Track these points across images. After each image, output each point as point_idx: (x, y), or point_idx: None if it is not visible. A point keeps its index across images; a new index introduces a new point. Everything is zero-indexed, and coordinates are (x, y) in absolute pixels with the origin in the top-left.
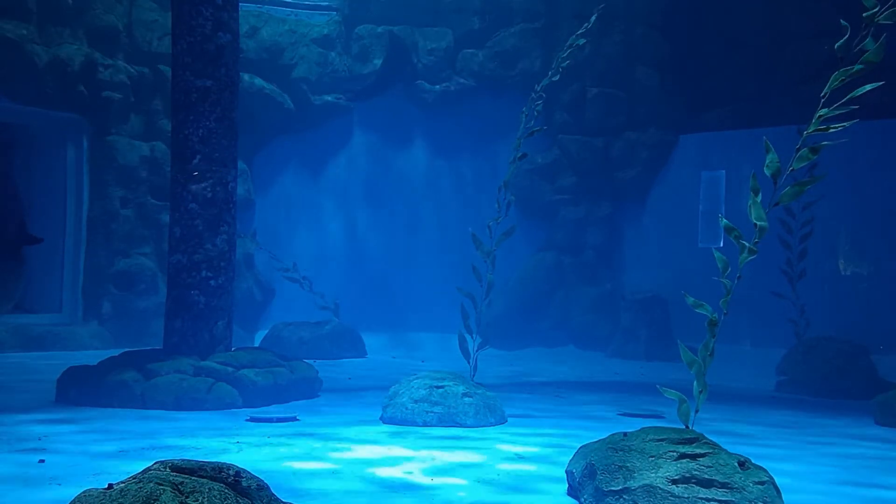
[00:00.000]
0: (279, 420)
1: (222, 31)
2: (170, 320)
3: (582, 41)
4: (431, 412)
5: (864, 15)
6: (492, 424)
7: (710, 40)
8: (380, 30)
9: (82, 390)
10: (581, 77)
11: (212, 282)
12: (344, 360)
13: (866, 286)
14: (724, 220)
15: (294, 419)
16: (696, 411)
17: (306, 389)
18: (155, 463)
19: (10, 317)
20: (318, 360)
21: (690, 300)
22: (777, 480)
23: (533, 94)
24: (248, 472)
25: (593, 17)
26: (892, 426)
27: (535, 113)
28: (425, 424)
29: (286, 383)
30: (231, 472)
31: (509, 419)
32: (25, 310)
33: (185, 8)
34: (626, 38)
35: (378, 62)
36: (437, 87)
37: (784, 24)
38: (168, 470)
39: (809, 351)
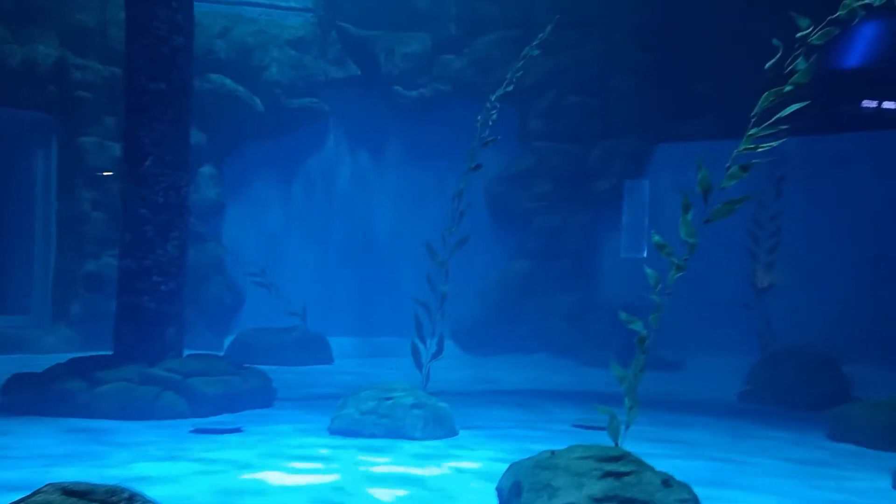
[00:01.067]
0: (222, 431)
1: (176, 34)
2: (119, 326)
3: (536, 52)
4: (379, 424)
5: (796, 35)
6: (441, 437)
7: (689, 50)
8: (357, 33)
9: (26, 398)
10: (558, 84)
11: (162, 287)
12: (310, 366)
13: (838, 296)
14: (656, 236)
15: (238, 430)
16: (627, 427)
17: (260, 398)
18: (46, 485)
19: None
20: (283, 367)
21: (623, 315)
22: (706, 493)
23: (487, 104)
24: (143, 497)
25: (549, 28)
26: (843, 441)
27: (490, 122)
28: (372, 436)
29: (238, 392)
30: (124, 496)
31: (461, 431)
32: None
33: (139, 9)
34: (603, 45)
35: (354, 66)
36: (414, 92)
37: (762, 37)
38: (58, 493)
39: (774, 361)
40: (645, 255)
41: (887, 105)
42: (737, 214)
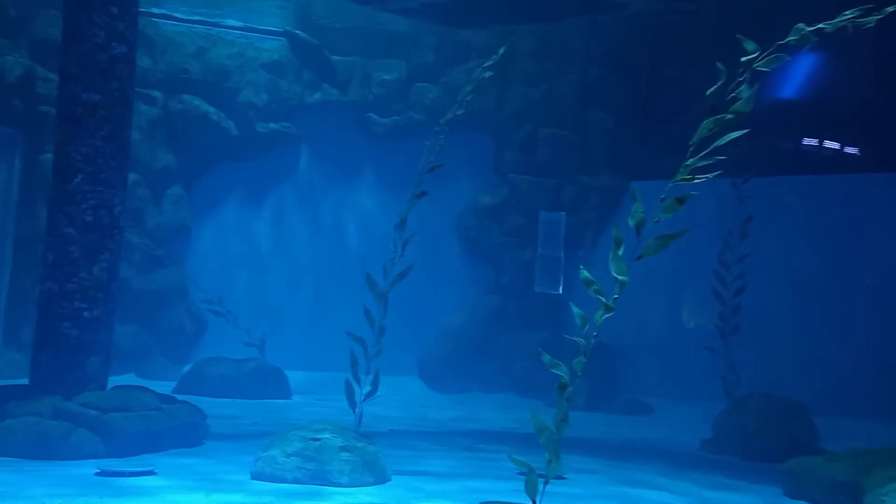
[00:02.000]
0: (132, 474)
1: (117, 42)
2: (37, 353)
3: (488, 74)
4: (303, 468)
5: (741, 60)
6: (369, 484)
7: (668, 86)
8: (333, 59)
9: None
10: (534, 117)
11: (86, 313)
12: (264, 400)
13: (809, 341)
14: (584, 272)
15: (151, 473)
16: (547, 483)
17: (188, 436)
18: None
19: None
20: (237, 400)
21: (546, 358)
22: None
23: (436, 128)
24: None
25: (501, 50)
26: (799, 498)
27: (438, 147)
28: (296, 482)
29: (162, 429)
30: None
31: (394, 478)
32: None
33: (76, 14)
34: (581, 79)
35: (330, 91)
36: (387, 120)
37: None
38: None
39: (738, 408)
40: (560, 291)
41: (849, 149)
42: (706, 256)
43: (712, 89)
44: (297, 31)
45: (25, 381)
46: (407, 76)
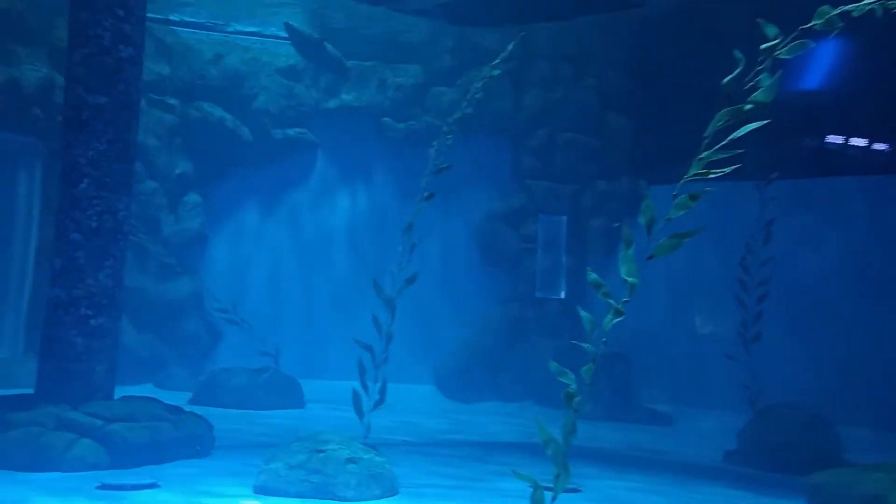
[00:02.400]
0: (133, 487)
1: (123, 45)
2: (43, 362)
3: (497, 72)
4: (307, 481)
5: (761, 47)
6: (376, 497)
7: (689, 89)
8: (350, 64)
9: None
10: (551, 121)
11: (91, 321)
12: (277, 410)
13: (834, 350)
14: (592, 275)
15: (153, 486)
16: (554, 499)
17: (195, 448)
18: None
19: None
20: (250, 410)
21: (554, 366)
22: None
23: (444, 128)
24: None
25: (510, 46)
26: None
27: (446, 148)
28: (299, 496)
29: (168, 441)
30: None
31: (402, 490)
32: None
33: (82, 16)
34: (599, 83)
35: (345, 96)
36: (403, 124)
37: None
38: None
39: (764, 419)
40: (563, 296)
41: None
42: (728, 261)
43: (729, 77)
44: (293, 24)
45: (31, 391)
46: (423, 80)
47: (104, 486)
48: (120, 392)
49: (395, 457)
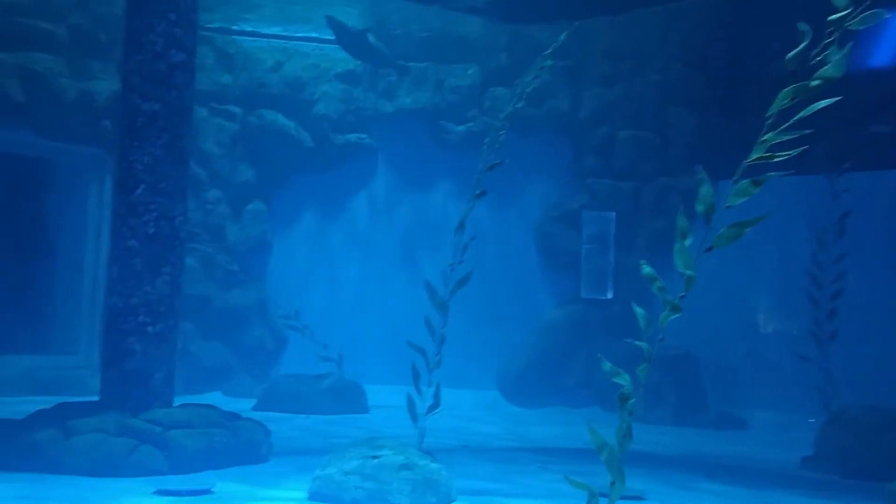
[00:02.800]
0: (189, 493)
1: (175, 49)
2: (105, 371)
3: (549, 63)
4: (361, 488)
5: (829, 18)
6: None
7: (753, 80)
8: (407, 66)
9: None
10: (611, 119)
11: (149, 328)
12: (340, 416)
13: None
14: (647, 267)
15: (207, 492)
16: None
17: (250, 453)
18: None
19: (24, 357)
20: (313, 416)
21: (607, 366)
22: None
23: (497, 123)
24: None
25: (562, 37)
26: None
27: (498, 144)
28: (353, 502)
29: (223, 447)
30: None
31: (459, 498)
32: (42, 351)
33: (136, 23)
34: (660, 77)
35: (404, 100)
36: (461, 127)
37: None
38: None
39: (836, 421)
40: (610, 296)
41: None
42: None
43: (794, 52)
44: (334, 16)
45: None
46: (480, 80)
47: (160, 492)
48: (187, 400)
49: (454, 463)
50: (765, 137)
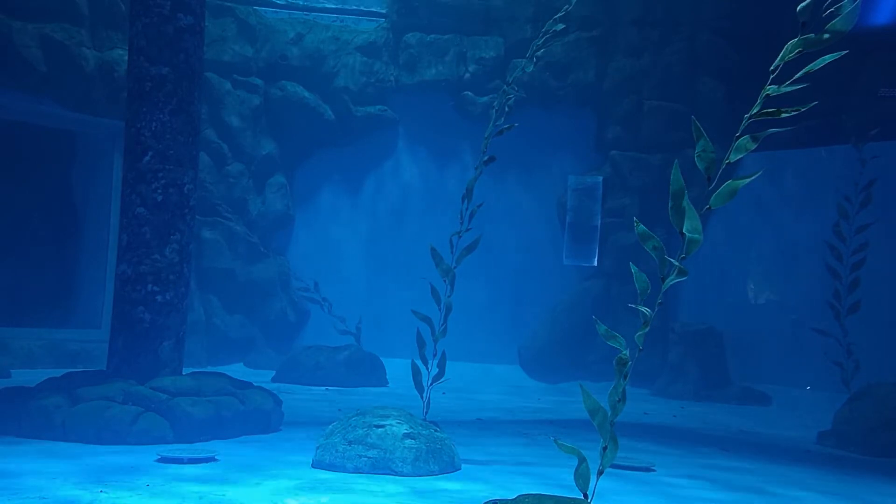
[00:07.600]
0: (191, 461)
1: (182, 13)
2: (113, 339)
3: (560, 26)
4: (364, 457)
5: None
6: (434, 473)
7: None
8: (429, 38)
9: (6, 416)
10: (637, 89)
11: (158, 297)
12: (360, 388)
13: None
14: (641, 226)
15: (211, 459)
16: (601, 473)
17: (259, 423)
18: None
19: (49, 331)
20: (331, 387)
21: (602, 329)
22: None
23: (504, 87)
24: None
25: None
26: None
27: (507, 108)
28: (356, 471)
29: (232, 415)
30: None
31: (464, 467)
32: (66, 324)
33: None
34: (688, 46)
35: (426, 72)
36: (484, 98)
37: (869, 31)
38: None
39: (859, 398)
40: (595, 263)
41: None
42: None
43: (804, 4)
44: (393, 12)
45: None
46: (504, 52)
47: (163, 459)
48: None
49: (465, 435)
50: (767, 91)
